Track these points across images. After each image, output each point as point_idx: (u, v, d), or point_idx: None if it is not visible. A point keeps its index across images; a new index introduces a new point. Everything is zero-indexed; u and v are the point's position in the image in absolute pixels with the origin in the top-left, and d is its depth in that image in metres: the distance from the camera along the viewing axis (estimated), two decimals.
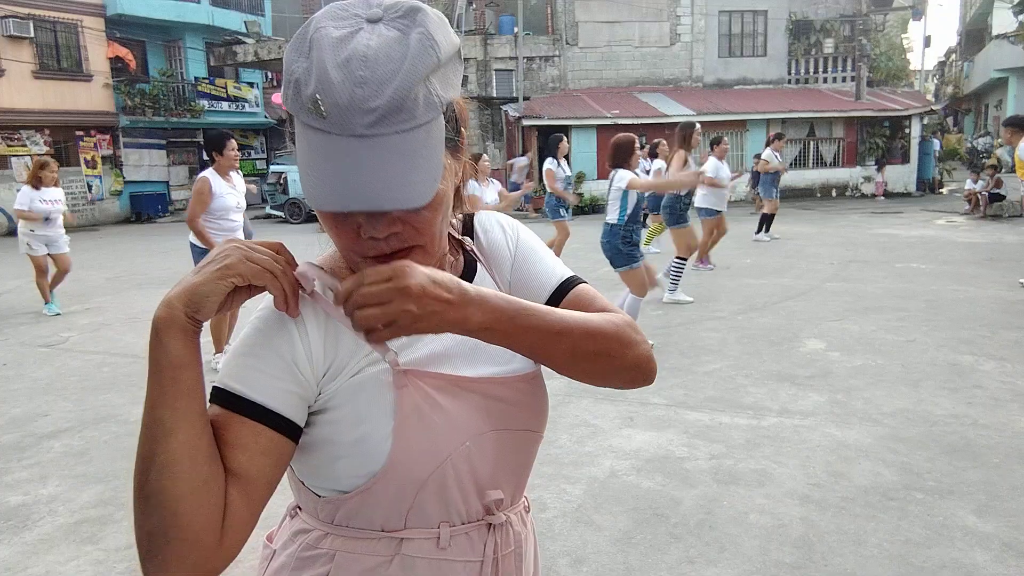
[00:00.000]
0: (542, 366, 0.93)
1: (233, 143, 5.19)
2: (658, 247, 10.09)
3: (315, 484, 0.88)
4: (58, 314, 7.53)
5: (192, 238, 5.15)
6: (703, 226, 8.51)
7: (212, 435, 0.78)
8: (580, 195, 18.02)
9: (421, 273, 0.74)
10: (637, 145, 5.51)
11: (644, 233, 10.73)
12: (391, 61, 0.72)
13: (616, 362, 0.88)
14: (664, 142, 9.20)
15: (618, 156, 5.44)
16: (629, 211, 5.40)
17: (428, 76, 0.74)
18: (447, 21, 0.81)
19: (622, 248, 5.37)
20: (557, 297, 0.95)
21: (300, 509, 0.93)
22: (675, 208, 7.11)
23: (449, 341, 0.89)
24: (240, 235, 5.13)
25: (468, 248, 0.97)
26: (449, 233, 0.94)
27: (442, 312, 0.74)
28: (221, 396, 0.80)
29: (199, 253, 5.07)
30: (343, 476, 0.84)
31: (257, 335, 0.83)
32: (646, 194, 5.51)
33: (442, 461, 0.84)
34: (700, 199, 8.41)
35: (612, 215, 5.43)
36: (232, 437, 0.79)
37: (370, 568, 0.86)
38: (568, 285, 0.96)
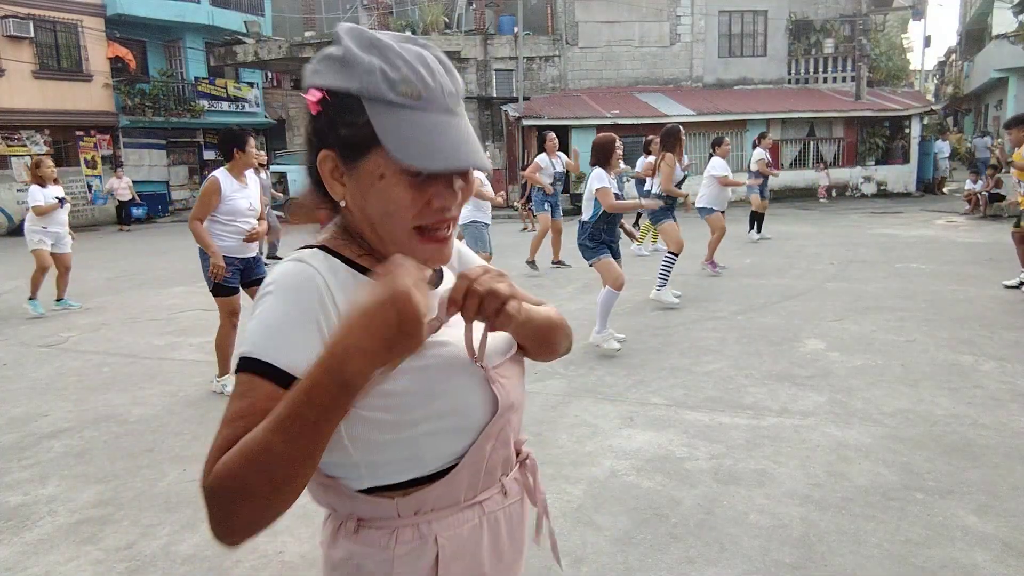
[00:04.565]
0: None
1: (253, 140, 4.75)
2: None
3: (391, 473, 0.93)
4: (43, 314, 7.48)
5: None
6: (711, 223, 8.43)
7: None
8: (579, 194, 18.03)
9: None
10: (618, 145, 5.53)
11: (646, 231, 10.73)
12: (440, 63, 0.93)
13: (566, 337, 1.16)
14: (656, 139, 9.19)
15: (598, 156, 5.48)
16: (602, 210, 5.42)
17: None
18: None
19: (588, 244, 5.45)
20: None
21: (362, 522, 0.97)
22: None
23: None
24: (251, 243, 4.74)
25: None
26: None
27: (513, 298, 0.92)
28: (267, 372, 0.85)
29: (207, 258, 4.61)
30: (428, 453, 0.93)
31: (287, 306, 0.89)
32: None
33: (510, 436, 1.05)
34: (700, 198, 8.39)
35: (586, 213, 5.49)
36: (250, 404, 0.84)
37: (467, 536, 0.99)
38: None
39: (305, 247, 0.96)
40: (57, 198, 7.44)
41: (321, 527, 1.08)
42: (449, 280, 1.07)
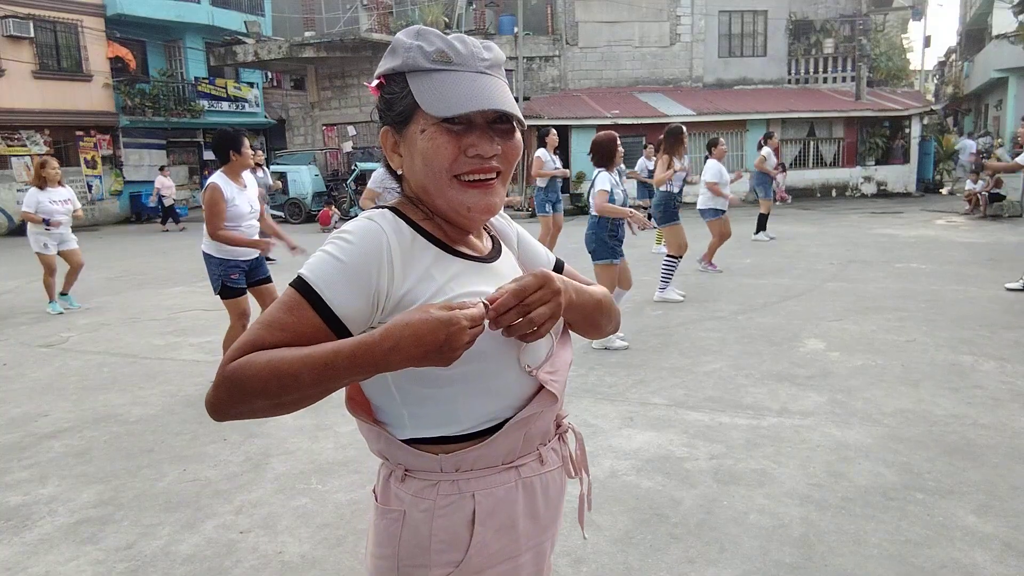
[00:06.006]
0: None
1: (248, 141, 4.71)
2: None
3: (429, 426, 1.05)
4: (61, 312, 7.54)
5: (204, 246, 4.60)
6: (710, 228, 8.43)
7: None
8: (579, 193, 18.02)
9: (553, 274, 1.02)
10: (619, 143, 5.49)
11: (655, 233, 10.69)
12: (477, 42, 1.05)
13: (614, 318, 1.27)
14: (651, 146, 9.16)
15: (599, 155, 5.43)
16: (616, 205, 5.39)
17: (503, 62, 1.07)
18: None
19: (607, 241, 5.39)
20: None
21: (409, 471, 1.09)
22: (667, 206, 7.10)
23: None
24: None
25: (488, 227, 1.22)
26: None
27: (563, 300, 1.03)
28: (316, 303, 0.98)
29: (217, 263, 4.56)
30: (462, 411, 1.05)
31: (351, 256, 1.00)
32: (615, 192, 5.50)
33: (551, 412, 1.14)
34: (702, 201, 8.36)
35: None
36: (293, 321, 0.97)
37: (502, 496, 1.08)
38: (559, 266, 1.26)
39: (379, 207, 1.10)
40: (45, 220, 7.36)
41: (377, 475, 1.19)
42: (506, 257, 1.18)
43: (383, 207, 1.09)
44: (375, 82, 1.08)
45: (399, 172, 1.11)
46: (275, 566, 2.69)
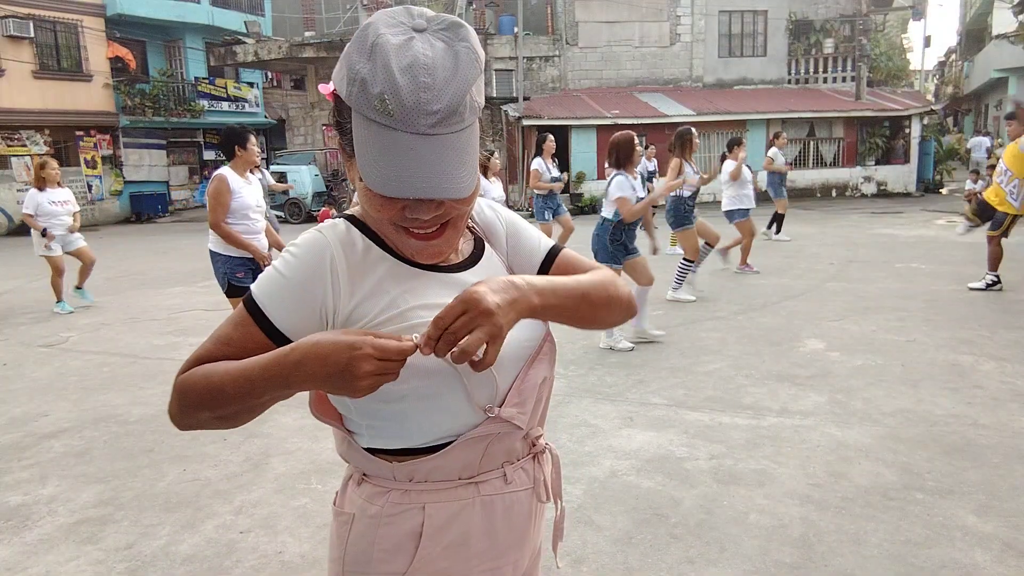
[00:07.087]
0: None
1: (254, 139, 4.72)
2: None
3: (384, 439, 1.01)
4: (72, 312, 7.54)
5: (212, 244, 4.59)
6: (739, 229, 8.31)
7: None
8: (580, 194, 18.02)
9: (486, 291, 0.88)
10: (637, 143, 5.42)
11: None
12: (446, 70, 0.87)
13: (616, 307, 1.10)
14: (652, 146, 9.00)
15: (617, 156, 5.34)
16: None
17: (472, 85, 0.89)
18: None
19: (608, 246, 5.34)
20: (548, 262, 1.14)
21: (367, 476, 1.06)
22: (678, 210, 6.99)
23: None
24: (263, 238, 4.69)
25: (473, 228, 1.14)
26: None
27: (516, 309, 0.91)
28: (259, 318, 0.97)
29: (224, 260, 4.57)
30: (416, 427, 0.99)
31: (293, 272, 0.98)
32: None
33: (517, 430, 1.05)
34: (729, 201, 8.24)
35: (608, 211, 5.38)
36: (239, 336, 0.97)
37: (456, 512, 1.02)
38: (554, 252, 1.15)
39: (340, 215, 1.05)
40: (43, 230, 7.35)
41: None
42: (488, 261, 1.10)
43: (344, 215, 1.05)
44: (330, 88, 0.96)
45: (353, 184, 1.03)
46: (275, 566, 2.69)
